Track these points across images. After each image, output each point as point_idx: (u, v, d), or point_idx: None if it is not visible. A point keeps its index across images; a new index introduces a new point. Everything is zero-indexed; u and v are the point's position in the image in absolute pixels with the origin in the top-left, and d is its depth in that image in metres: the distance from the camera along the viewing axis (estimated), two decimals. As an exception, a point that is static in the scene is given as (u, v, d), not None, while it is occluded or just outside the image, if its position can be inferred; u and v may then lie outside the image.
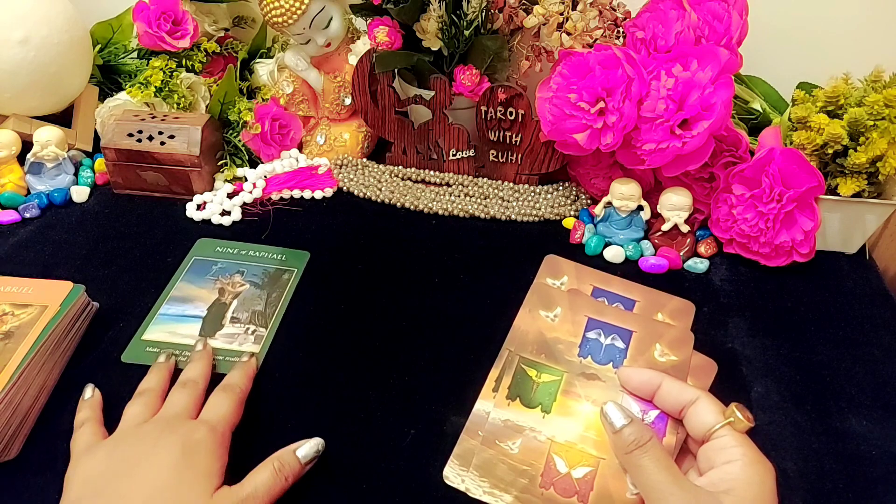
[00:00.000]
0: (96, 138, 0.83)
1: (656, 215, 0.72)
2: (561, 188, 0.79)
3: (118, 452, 0.45)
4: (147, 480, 0.43)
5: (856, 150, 0.65)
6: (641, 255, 0.71)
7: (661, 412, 0.44)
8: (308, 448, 0.47)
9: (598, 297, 0.50)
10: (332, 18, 0.77)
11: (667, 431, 0.44)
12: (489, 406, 0.47)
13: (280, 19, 0.74)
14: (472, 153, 0.79)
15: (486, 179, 0.80)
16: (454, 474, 0.43)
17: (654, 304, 0.49)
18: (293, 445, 0.47)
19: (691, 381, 0.48)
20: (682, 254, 0.70)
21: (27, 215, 0.74)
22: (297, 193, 0.79)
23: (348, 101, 0.83)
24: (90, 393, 0.53)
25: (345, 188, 0.80)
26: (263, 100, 0.83)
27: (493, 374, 0.49)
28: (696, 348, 0.61)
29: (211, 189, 0.79)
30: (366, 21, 0.76)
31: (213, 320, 0.61)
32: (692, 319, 0.49)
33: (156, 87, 0.79)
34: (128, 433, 0.48)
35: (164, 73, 0.80)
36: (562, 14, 0.70)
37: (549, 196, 0.79)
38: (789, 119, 0.69)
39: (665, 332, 0.49)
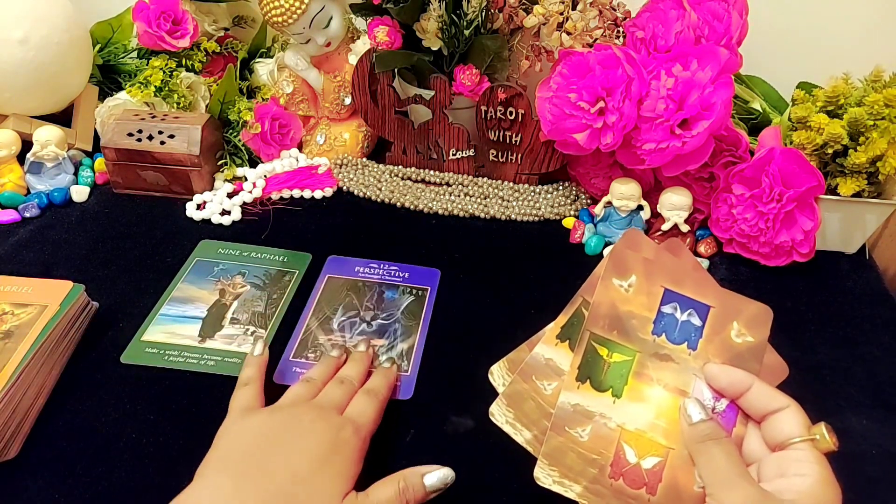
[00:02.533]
0: (96, 138, 0.83)
1: (656, 215, 0.72)
2: (561, 188, 0.79)
3: (273, 424, 0.46)
4: (292, 461, 0.43)
5: (856, 150, 0.65)
6: (641, 255, 0.71)
7: (732, 403, 0.43)
8: (437, 478, 0.44)
9: (669, 302, 0.46)
10: (331, 18, 0.77)
11: (737, 422, 0.43)
12: (547, 350, 0.45)
13: (280, 19, 0.74)
14: (471, 153, 0.79)
15: (486, 179, 0.80)
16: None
17: (731, 311, 0.46)
18: (423, 469, 0.45)
19: (746, 330, 0.45)
20: (681, 253, 0.70)
21: (27, 215, 0.74)
22: (296, 193, 0.79)
23: (348, 100, 0.83)
24: (260, 349, 0.54)
25: (345, 188, 0.80)
26: (263, 99, 0.83)
27: (561, 320, 0.46)
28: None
29: (211, 189, 0.79)
30: (366, 21, 0.76)
31: (212, 321, 0.61)
32: (770, 323, 0.47)
33: (156, 86, 0.79)
34: (285, 409, 0.48)
35: (164, 72, 0.80)
36: (562, 14, 0.70)
37: (549, 196, 0.79)
38: (789, 119, 0.69)
39: (743, 309, 0.46)
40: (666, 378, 0.44)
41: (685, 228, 0.70)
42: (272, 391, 0.55)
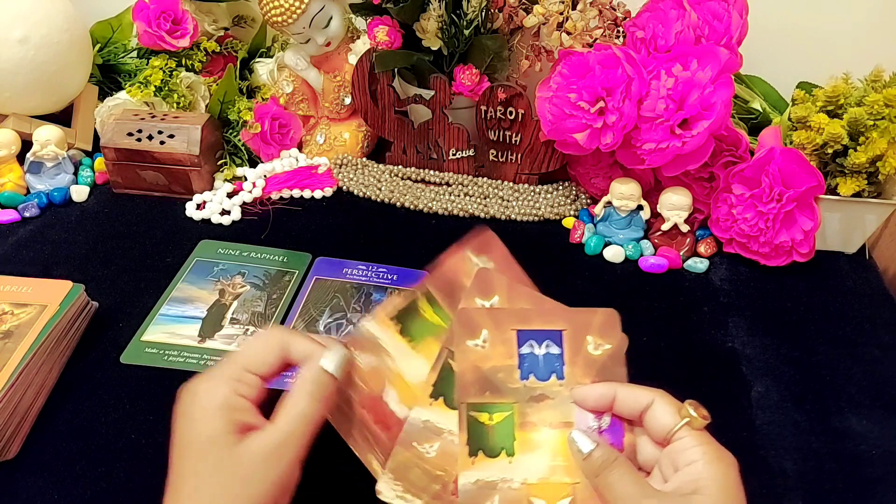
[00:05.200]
0: (96, 138, 0.83)
1: (656, 215, 0.72)
2: (561, 188, 0.79)
3: None
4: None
5: (856, 150, 0.65)
6: (641, 255, 0.71)
7: (615, 416, 0.44)
8: (335, 359, 0.41)
9: (525, 342, 0.46)
10: (331, 18, 0.77)
11: (624, 431, 0.43)
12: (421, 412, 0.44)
13: (280, 18, 0.74)
14: (471, 153, 0.79)
15: (485, 179, 0.80)
16: None
17: (582, 327, 0.46)
18: (315, 358, 0.41)
19: (601, 339, 0.46)
20: (681, 253, 0.70)
21: (27, 215, 0.74)
22: (296, 193, 0.79)
23: (348, 100, 0.83)
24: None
25: (344, 188, 0.80)
26: (263, 99, 0.83)
27: (431, 378, 0.45)
28: (696, 347, 0.61)
29: (210, 188, 0.79)
30: (366, 20, 0.76)
31: (212, 321, 0.61)
32: (620, 325, 0.46)
33: (155, 86, 0.79)
34: None
35: (164, 72, 0.80)
36: (562, 13, 0.70)
37: (548, 196, 0.79)
38: (789, 119, 0.69)
39: (591, 320, 0.46)
40: (548, 417, 0.44)
41: (685, 228, 0.70)
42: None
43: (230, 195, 0.78)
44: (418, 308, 0.46)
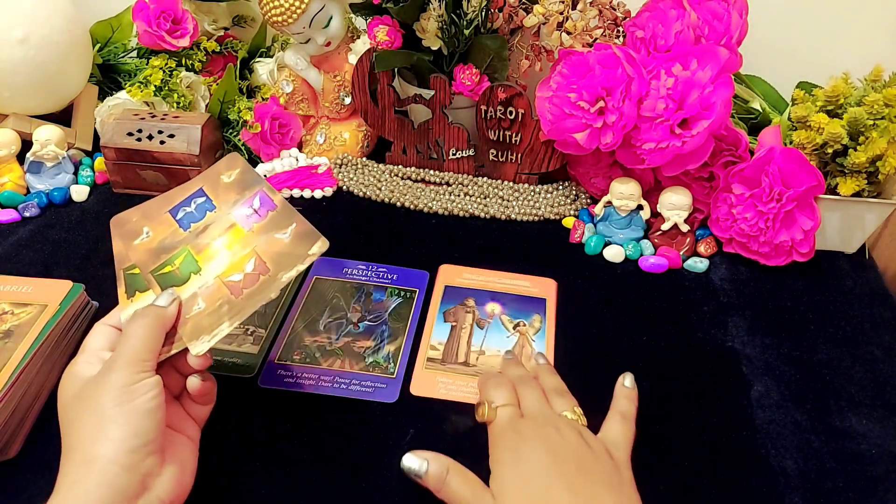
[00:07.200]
0: (96, 137, 0.83)
1: (656, 214, 0.72)
2: (561, 188, 0.79)
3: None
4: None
5: (855, 150, 0.65)
6: (641, 255, 0.71)
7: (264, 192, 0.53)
8: (166, 297, 0.48)
9: (178, 209, 0.54)
10: (331, 17, 0.77)
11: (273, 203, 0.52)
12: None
13: (280, 18, 0.74)
14: (471, 152, 0.79)
15: (485, 179, 0.80)
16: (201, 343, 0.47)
17: (213, 174, 0.55)
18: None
19: (229, 171, 0.55)
20: (681, 253, 0.70)
21: (27, 214, 0.74)
22: (296, 192, 0.79)
23: (348, 100, 0.83)
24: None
25: (344, 187, 0.80)
26: (263, 99, 0.83)
27: (122, 295, 0.51)
28: (696, 347, 0.61)
29: (210, 188, 0.79)
30: (366, 20, 0.76)
31: (212, 320, 0.61)
32: (241, 158, 0.56)
33: (155, 86, 0.79)
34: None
35: (164, 72, 0.80)
36: (562, 13, 0.70)
37: (548, 195, 0.79)
38: (789, 118, 0.69)
39: (218, 166, 0.55)
40: (214, 233, 0.52)
41: (685, 228, 0.70)
42: (258, 395, 0.55)
43: (230, 195, 0.77)
44: (167, 274, 0.51)
